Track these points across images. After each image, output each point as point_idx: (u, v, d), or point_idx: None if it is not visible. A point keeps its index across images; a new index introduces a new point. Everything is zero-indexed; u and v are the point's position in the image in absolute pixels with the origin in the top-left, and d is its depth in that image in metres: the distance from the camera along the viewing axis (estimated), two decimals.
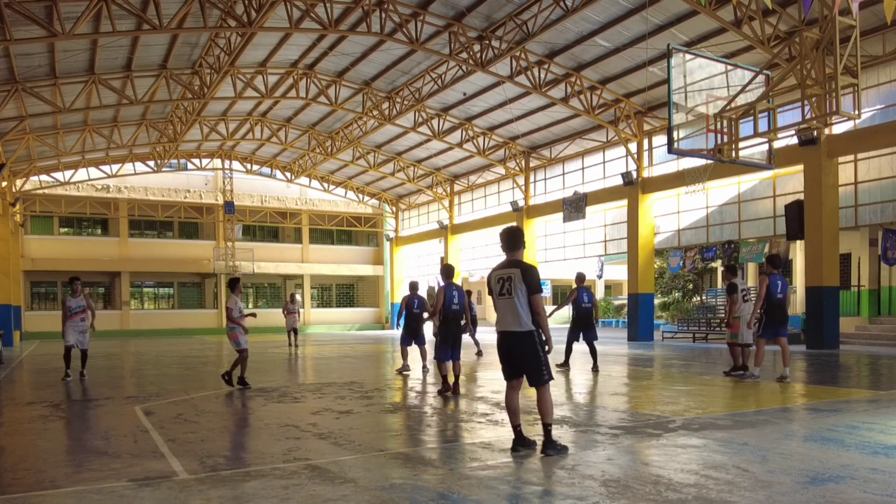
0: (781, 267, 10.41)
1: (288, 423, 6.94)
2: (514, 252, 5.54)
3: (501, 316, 5.43)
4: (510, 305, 5.34)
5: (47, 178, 29.06)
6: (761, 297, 9.63)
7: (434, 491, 4.34)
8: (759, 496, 4.10)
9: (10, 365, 15.79)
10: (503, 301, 5.39)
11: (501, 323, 5.44)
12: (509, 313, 5.35)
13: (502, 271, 5.44)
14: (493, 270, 5.54)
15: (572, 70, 19.69)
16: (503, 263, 5.53)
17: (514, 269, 5.37)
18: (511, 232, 5.62)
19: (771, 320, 9.79)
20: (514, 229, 5.70)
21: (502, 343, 5.47)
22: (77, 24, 13.89)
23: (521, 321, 5.30)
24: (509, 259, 5.52)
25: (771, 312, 9.76)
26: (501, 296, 5.40)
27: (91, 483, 4.71)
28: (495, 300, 5.46)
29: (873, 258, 20.27)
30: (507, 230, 5.66)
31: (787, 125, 13.56)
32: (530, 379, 5.42)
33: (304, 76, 21.78)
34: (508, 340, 5.41)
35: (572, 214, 24.44)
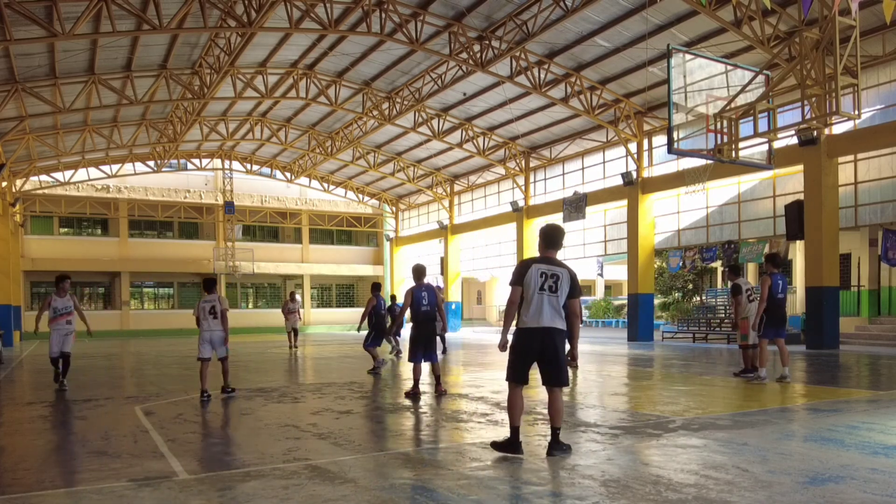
0: (782, 266, 10.31)
1: (288, 423, 6.94)
2: (554, 251, 5.50)
3: (540, 311, 5.24)
4: (554, 302, 5.26)
5: (47, 178, 29.06)
6: (764, 297, 9.59)
7: (434, 491, 4.34)
8: (759, 496, 4.10)
9: (10, 365, 15.79)
10: (546, 297, 5.25)
11: (538, 318, 5.25)
12: (551, 309, 5.24)
13: (548, 267, 5.33)
14: (535, 263, 5.37)
15: (572, 70, 19.69)
16: (547, 260, 5.42)
17: (564, 270, 5.35)
18: (557, 230, 5.58)
19: (771, 320, 9.70)
20: (561, 228, 5.64)
21: (536, 338, 5.27)
22: (77, 24, 13.89)
23: (561, 319, 5.27)
24: (552, 257, 5.45)
25: (771, 312, 9.67)
26: (543, 291, 5.26)
27: (91, 483, 4.71)
28: (533, 293, 5.26)
29: (873, 258, 20.26)
30: (554, 228, 5.60)
31: (787, 125, 13.57)
32: (555, 378, 5.30)
33: (304, 76, 21.78)
34: (545, 336, 5.25)
35: (572, 214, 24.44)
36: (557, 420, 5.31)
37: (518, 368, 5.36)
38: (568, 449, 5.34)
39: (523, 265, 5.40)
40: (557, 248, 5.52)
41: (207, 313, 9.06)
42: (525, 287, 5.31)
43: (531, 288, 5.28)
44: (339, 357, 16.71)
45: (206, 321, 9.07)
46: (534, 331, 5.26)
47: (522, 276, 5.33)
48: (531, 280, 5.29)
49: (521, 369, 5.36)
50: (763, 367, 9.82)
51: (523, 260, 5.52)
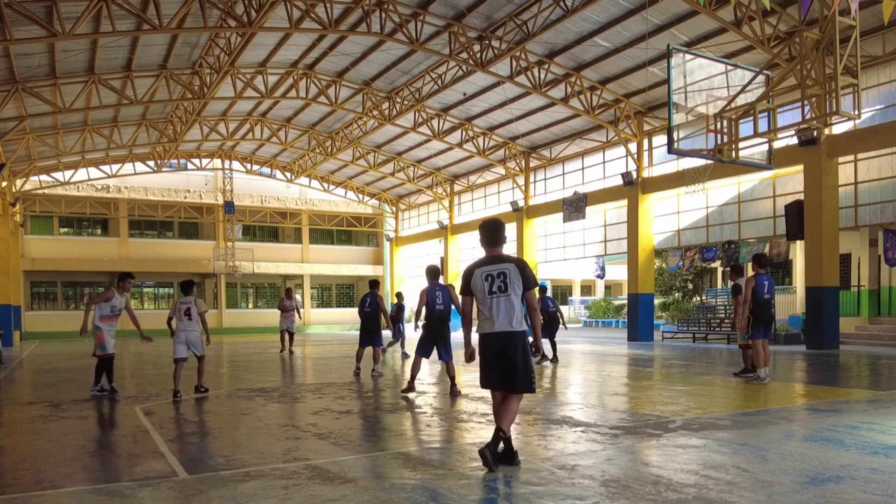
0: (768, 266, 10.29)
1: (288, 423, 6.94)
2: (497, 247, 5.14)
3: (494, 315, 4.96)
4: (506, 303, 4.95)
5: (47, 178, 29.06)
6: (748, 298, 9.60)
7: (434, 491, 4.34)
8: (759, 496, 4.10)
9: (10, 365, 15.80)
10: (496, 299, 4.96)
11: (492, 323, 4.97)
12: (504, 312, 4.94)
13: (493, 267, 5.01)
14: (477, 268, 5.05)
15: (572, 70, 19.69)
16: (489, 259, 5.08)
17: (509, 265, 4.99)
18: (496, 225, 5.20)
19: (758, 320, 9.71)
20: (498, 222, 5.25)
21: (494, 345, 4.99)
22: (77, 24, 13.89)
23: (517, 320, 4.96)
24: (495, 255, 5.10)
25: (757, 313, 9.68)
26: (493, 293, 4.96)
27: (91, 483, 4.71)
28: (483, 299, 4.98)
29: (873, 258, 20.27)
30: (492, 223, 5.22)
31: (787, 125, 13.56)
32: (519, 384, 4.97)
33: (304, 76, 21.78)
34: (503, 342, 4.96)
35: (572, 214, 24.44)
36: (504, 422, 4.90)
37: (489, 375, 5.09)
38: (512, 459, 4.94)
39: (466, 272, 5.10)
40: (500, 243, 5.15)
41: (183, 314, 9.23)
42: (474, 294, 5.05)
43: (480, 294, 5.01)
44: (339, 357, 16.71)
45: (182, 322, 9.23)
46: (491, 336, 5.00)
47: (468, 284, 5.07)
48: (477, 286, 5.02)
49: (491, 377, 5.08)
50: (761, 366, 9.80)
51: (466, 267, 5.17)
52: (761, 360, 9.77)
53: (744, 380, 10.14)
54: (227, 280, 35.59)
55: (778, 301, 21.02)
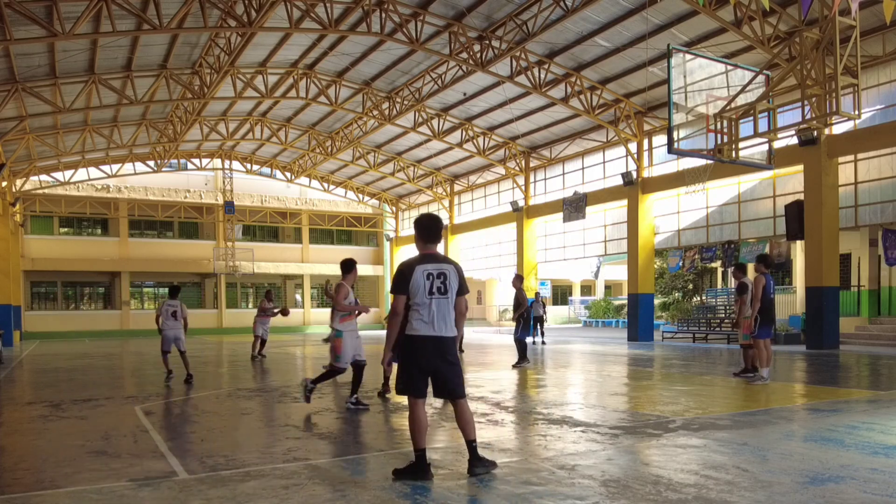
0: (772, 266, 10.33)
1: (288, 423, 6.94)
2: (434, 244, 4.85)
3: (432, 318, 4.64)
4: (445, 306, 4.68)
5: (47, 178, 29.07)
6: (759, 296, 9.60)
7: (434, 491, 4.34)
8: (759, 496, 4.10)
9: (10, 365, 15.80)
10: (437, 301, 4.64)
11: (429, 326, 4.64)
12: (443, 315, 4.67)
13: (434, 266, 4.69)
14: (418, 265, 4.68)
15: (572, 70, 19.69)
16: (431, 258, 4.76)
17: (450, 266, 4.74)
18: (435, 220, 4.90)
19: (764, 320, 9.74)
20: (438, 218, 4.98)
21: (429, 348, 4.65)
22: (77, 24, 13.90)
23: (452, 324, 4.72)
24: (434, 253, 4.81)
25: (763, 312, 9.71)
26: (433, 294, 4.64)
27: (91, 483, 4.71)
28: (422, 299, 4.64)
29: (873, 258, 20.26)
30: (431, 218, 4.90)
31: (787, 125, 13.56)
32: (454, 390, 4.71)
33: (304, 76, 21.78)
34: (440, 346, 4.67)
35: (572, 214, 24.44)
36: (471, 432, 4.68)
37: (415, 380, 4.69)
38: (492, 465, 4.78)
39: (406, 268, 4.70)
40: (438, 240, 4.88)
41: (169, 315, 11.14)
42: (412, 293, 4.64)
43: (419, 293, 4.64)
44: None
45: (168, 321, 11.15)
46: (427, 339, 4.65)
47: (406, 282, 4.64)
48: (418, 284, 4.64)
49: (418, 381, 4.69)
50: (764, 367, 9.79)
51: (404, 262, 4.78)
52: (764, 359, 9.76)
53: (744, 380, 10.12)
54: (227, 280, 35.60)
55: (778, 301, 20.98)
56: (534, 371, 12.50)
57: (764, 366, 9.76)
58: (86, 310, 34.29)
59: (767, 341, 9.80)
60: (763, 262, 9.97)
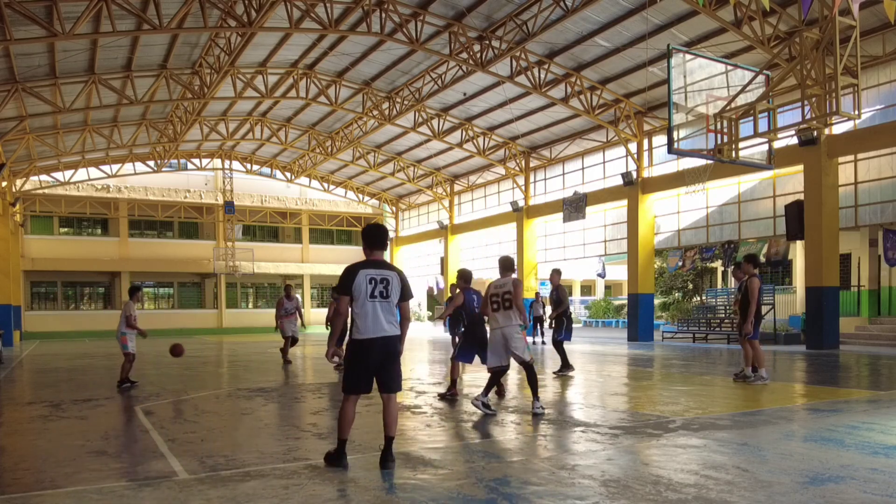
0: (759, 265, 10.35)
1: (288, 423, 6.94)
2: (381, 251, 5.20)
3: (375, 319, 4.97)
4: (387, 309, 5.04)
5: (47, 178, 29.07)
6: (757, 297, 9.64)
7: (434, 491, 4.34)
8: (759, 496, 4.10)
9: (10, 365, 15.80)
10: (378, 303, 4.99)
11: (372, 328, 4.97)
12: (385, 317, 5.01)
13: (377, 271, 5.03)
14: (362, 269, 5.02)
15: (572, 70, 19.69)
16: (374, 263, 5.10)
17: (393, 273, 5.11)
18: (382, 229, 5.28)
19: (758, 320, 9.85)
20: (382, 227, 5.34)
21: (375, 349, 4.98)
22: (77, 24, 13.89)
23: (394, 325, 5.06)
24: (379, 260, 5.16)
25: (757, 313, 9.79)
26: (375, 297, 4.99)
27: (91, 483, 4.71)
28: (364, 302, 4.96)
29: (873, 258, 20.26)
30: (377, 226, 5.29)
31: (787, 125, 13.55)
32: (392, 384, 5.08)
33: (304, 76, 21.78)
34: (384, 345, 5.01)
35: (572, 214, 24.44)
36: (393, 429, 5.07)
37: (357, 379, 5.06)
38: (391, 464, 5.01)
39: (350, 272, 5.03)
40: (383, 248, 5.23)
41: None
42: (354, 295, 4.96)
43: (361, 296, 4.96)
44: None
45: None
46: (372, 342, 4.98)
47: (350, 284, 4.97)
48: (360, 288, 4.96)
49: (359, 379, 5.06)
50: (762, 367, 9.79)
51: (349, 266, 5.11)
52: (762, 359, 9.78)
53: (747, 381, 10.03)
54: (227, 280, 35.60)
55: (778, 301, 21.06)
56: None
57: (762, 366, 9.77)
58: (86, 310, 34.28)
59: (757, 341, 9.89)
60: (753, 262, 9.97)
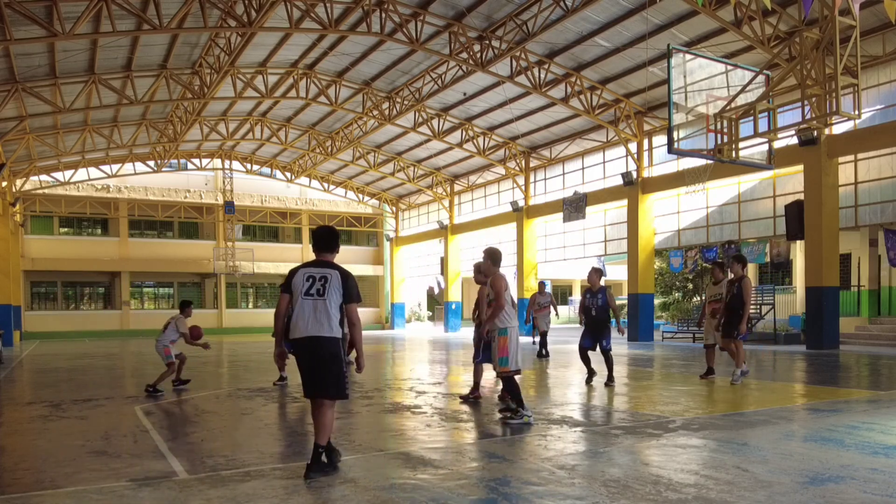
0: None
1: (288, 424, 6.94)
2: (328, 253, 5.05)
3: (304, 318, 4.78)
4: (320, 307, 4.79)
5: (47, 178, 29.06)
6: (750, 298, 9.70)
7: (434, 491, 4.34)
8: (759, 496, 4.10)
9: (10, 365, 15.80)
10: (311, 302, 4.79)
11: (302, 327, 4.78)
12: (315, 316, 4.77)
13: (317, 269, 4.89)
14: (302, 268, 4.95)
15: (572, 70, 19.69)
16: (316, 262, 4.98)
17: (333, 271, 4.89)
18: (329, 232, 5.14)
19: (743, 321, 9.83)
20: (333, 230, 5.21)
21: (303, 348, 4.82)
22: (77, 24, 13.90)
23: (329, 326, 4.79)
24: (323, 260, 5.01)
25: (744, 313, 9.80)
26: (309, 295, 4.80)
27: (91, 483, 4.71)
28: (297, 299, 4.83)
29: (873, 258, 20.26)
30: (326, 229, 5.16)
31: (787, 125, 13.55)
32: (326, 390, 4.82)
33: (304, 76, 21.78)
34: (311, 346, 4.79)
35: (572, 214, 24.44)
36: (321, 436, 4.79)
37: (304, 382, 4.90)
38: (331, 470, 4.81)
39: (291, 270, 4.97)
40: (330, 250, 5.05)
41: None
42: (293, 294, 4.87)
43: (297, 294, 4.85)
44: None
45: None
46: (299, 341, 4.82)
47: (289, 281, 4.91)
48: (297, 285, 4.85)
49: (304, 381, 4.90)
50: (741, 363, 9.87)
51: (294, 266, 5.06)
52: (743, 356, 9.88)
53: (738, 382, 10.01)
54: (227, 280, 35.60)
55: (778, 301, 21.07)
56: (534, 371, 12.50)
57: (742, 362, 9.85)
58: (86, 310, 34.29)
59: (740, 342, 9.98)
60: (742, 262, 10.03)
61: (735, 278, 9.95)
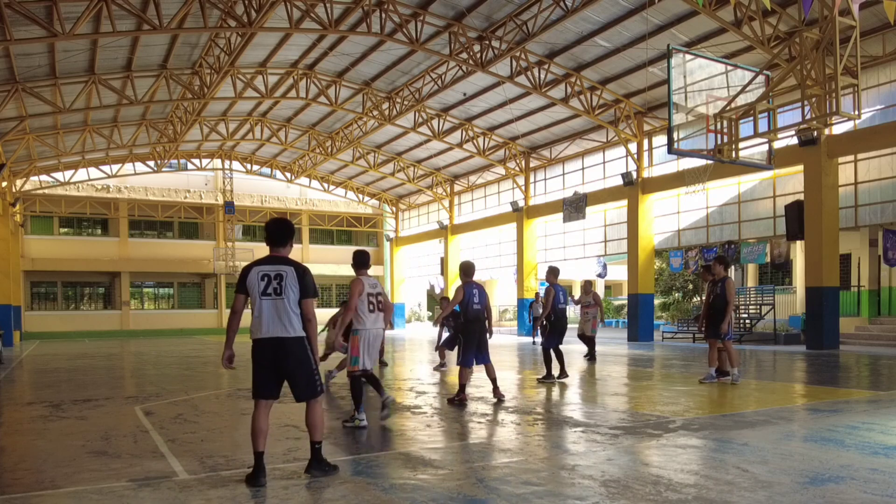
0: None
1: (288, 423, 6.94)
2: (282, 248, 4.85)
3: (265, 319, 4.67)
4: (279, 307, 4.65)
5: (47, 178, 29.07)
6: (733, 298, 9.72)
7: (434, 491, 4.34)
8: (759, 496, 4.10)
9: (10, 365, 15.80)
10: (269, 302, 4.65)
11: (264, 328, 4.67)
12: (277, 316, 4.66)
13: (270, 267, 4.71)
14: (255, 266, 4.76)
15: (572, 70, 19.69)
16: (269, 259, 4.79)
17: (287, 268, 4.71)
18: (282, 223, 4.92)
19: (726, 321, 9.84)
20: (286, 221, 4.98)
21: (267, 350, 4.70)
22: (77, 24, 13.89)
23: (292, 326, 4.68)
24: (276, 255, 4.82)
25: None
26: (267, 295, 4.66)
27: (91, 483, 4.71)
28: (255, 300, 4.68)
29: (873, 258, 20.26)
30: (279, 220, 4.94)
31: (787, 125, 13.56)
32: (300, 392, 4.79)
33: (304, 76, 21.78)
34: (275, 348, 4.68)
35: (572, 215, 24.44)
36: (315, 433, 4.78)
37: (260, 383, 4.77)
38: (331, 469, 4.78)
39: (245, 269, 4.78)
40: (283, 244, 4.85)
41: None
42: (249, 293, 4.72)
43: (252, 294, 4.70)
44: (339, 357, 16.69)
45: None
46: (263, 342, 4.70)
47: (244, 281, 4.73)
48: (252, 285, 4.69)
49: (262, 383, 4.76)
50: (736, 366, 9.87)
51: (247, 264, 4.87)
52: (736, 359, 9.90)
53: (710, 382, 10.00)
54: (228, 280, 35.60)
55: (778, 301, 21.08)
56: (534, 371, 12.50)
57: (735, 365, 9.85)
58: (86, 310, 34.30)
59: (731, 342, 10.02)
60: (723, 263, 10.06)
61: (717, 279, 9.97)
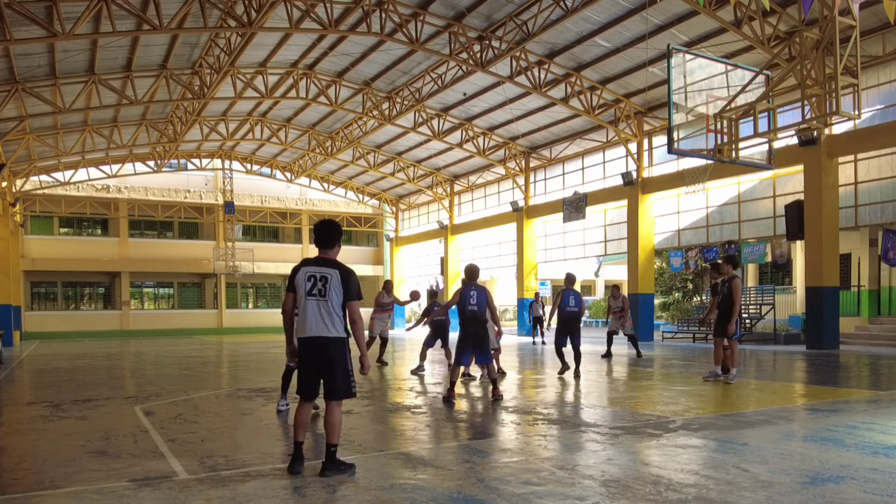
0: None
1: (288, 424, 6.94)
2: (329, 249, 4.99)
3: (309, 319, 4.80)
4: (323, 308, 4.79)
5: (47, 178, 29.06)
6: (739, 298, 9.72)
7: (434, 491, 4.34)
8: (759, 496, 4.10)
9: (10, 365, 15.79)
10: (314, 302, 4.80)
11: (307, 327, 4.81)
12: (320, 316, 4.79)
13: (317, 269, 4.85)
14: (304, 266, 4.92)
15: (572, 70, 19.69)
16: (317, 261, 4.93)
17: (333, 270, 4.84)
18: (330, 226, 5.03)
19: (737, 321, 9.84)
20: (334, 223, 5.10)
21: (309, 349, 4.85)
22: (77, 24, 13.89)
23: (334, 326, 4.81)
24: (324, 257, 4.95)
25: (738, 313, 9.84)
26: (312, 296, 4.80)
27: (91, 483, 4.71)
28: (301, 299, 4.84)
29: (873, 258, 20.26)
30: (326, 223, 5.05)
31: (787, 125, 13.56)
32: (335, 391, 4.85)
33: (304, 76, 21.77)
34: (317, 347, 4.82)
35: (572, 214, 24.43)
36: (332, 436, 4.80)
37: (303, 385, 4.96)
38: (346, 469, 4.81)
39: (294, 269, 4.95)
40: (331, 246, 4.99)
41: None
42: (297, 292, 4.87)
43: (299, 294, 4.85)
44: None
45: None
46: (305, 341, 4.85)
47: (292, 280, 4.90)
48: (300, 284, 4.84)
49: (306, 386, 4.95)
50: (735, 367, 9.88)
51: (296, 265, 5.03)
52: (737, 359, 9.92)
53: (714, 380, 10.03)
54: (227, 280, 35.60)
55: (778, 301, 21.08)
56: (533, 371, 12.50)
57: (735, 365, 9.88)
58: (86, 310, 34.29)
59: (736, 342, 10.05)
60: (732, 263, 10.09)
61: (726, 278, 9.96)
